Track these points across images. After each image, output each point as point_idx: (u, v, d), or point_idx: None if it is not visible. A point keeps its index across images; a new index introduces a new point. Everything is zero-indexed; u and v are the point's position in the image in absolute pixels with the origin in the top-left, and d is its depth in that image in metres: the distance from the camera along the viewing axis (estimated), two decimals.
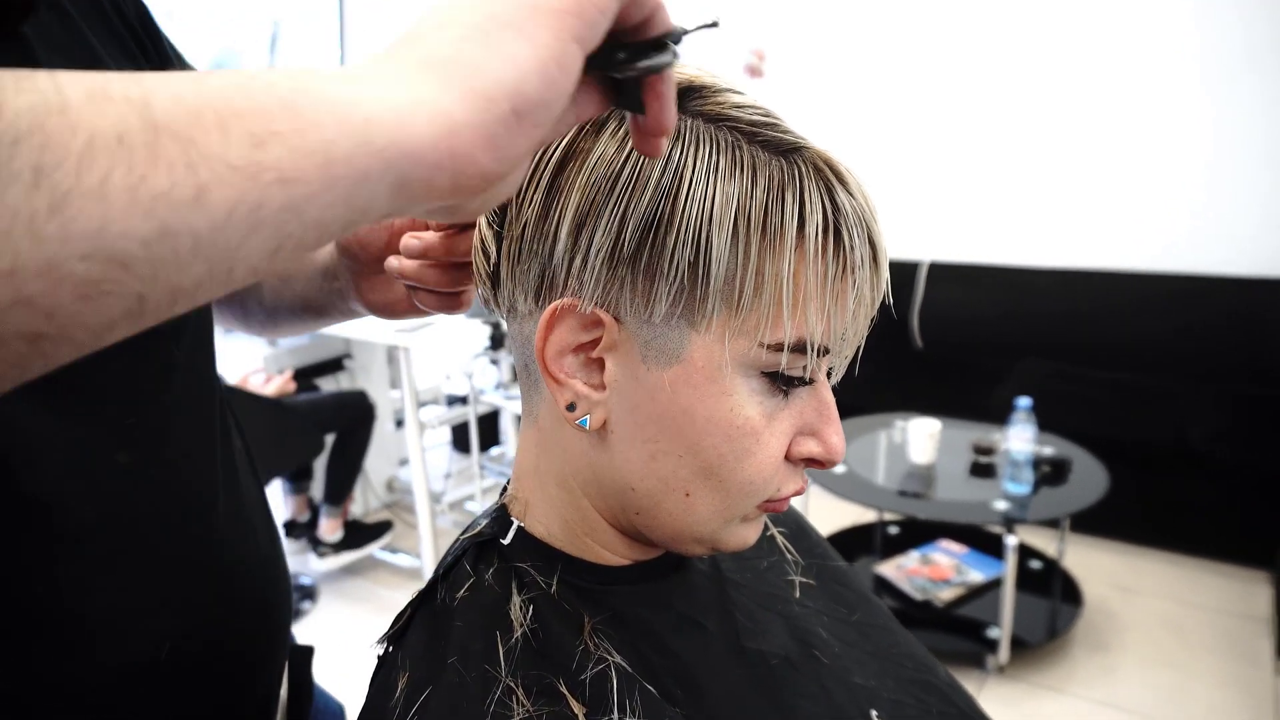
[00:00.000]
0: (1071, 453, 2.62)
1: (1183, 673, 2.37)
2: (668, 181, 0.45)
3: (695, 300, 0.46)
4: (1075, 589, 2.62)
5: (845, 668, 0.64)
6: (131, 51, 0.60)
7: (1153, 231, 3.13)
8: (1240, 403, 2.85)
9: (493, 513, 0.59)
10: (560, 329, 0.49)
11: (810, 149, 0.48)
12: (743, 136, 0.47)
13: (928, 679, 0.70)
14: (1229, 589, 2.76)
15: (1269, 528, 2.69)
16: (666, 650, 0.55)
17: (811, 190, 0.46)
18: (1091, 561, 2.86)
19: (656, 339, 0.48)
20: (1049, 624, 2.51)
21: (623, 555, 0.57)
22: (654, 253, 0.46)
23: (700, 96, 0.47)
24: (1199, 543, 2.92)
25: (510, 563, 0.55)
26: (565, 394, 0.50)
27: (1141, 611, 2.66)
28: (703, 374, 0.48)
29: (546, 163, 0.48)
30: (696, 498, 0.51)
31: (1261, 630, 2.54)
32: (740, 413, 0.49)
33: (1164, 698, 2.27)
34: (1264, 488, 2.72)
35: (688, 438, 0.49)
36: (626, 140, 0.46)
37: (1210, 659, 2.43)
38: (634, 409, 0.50)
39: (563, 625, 0.52)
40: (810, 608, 0.67)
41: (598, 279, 0.47)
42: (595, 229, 0.46)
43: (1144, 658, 2.44)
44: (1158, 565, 2.91)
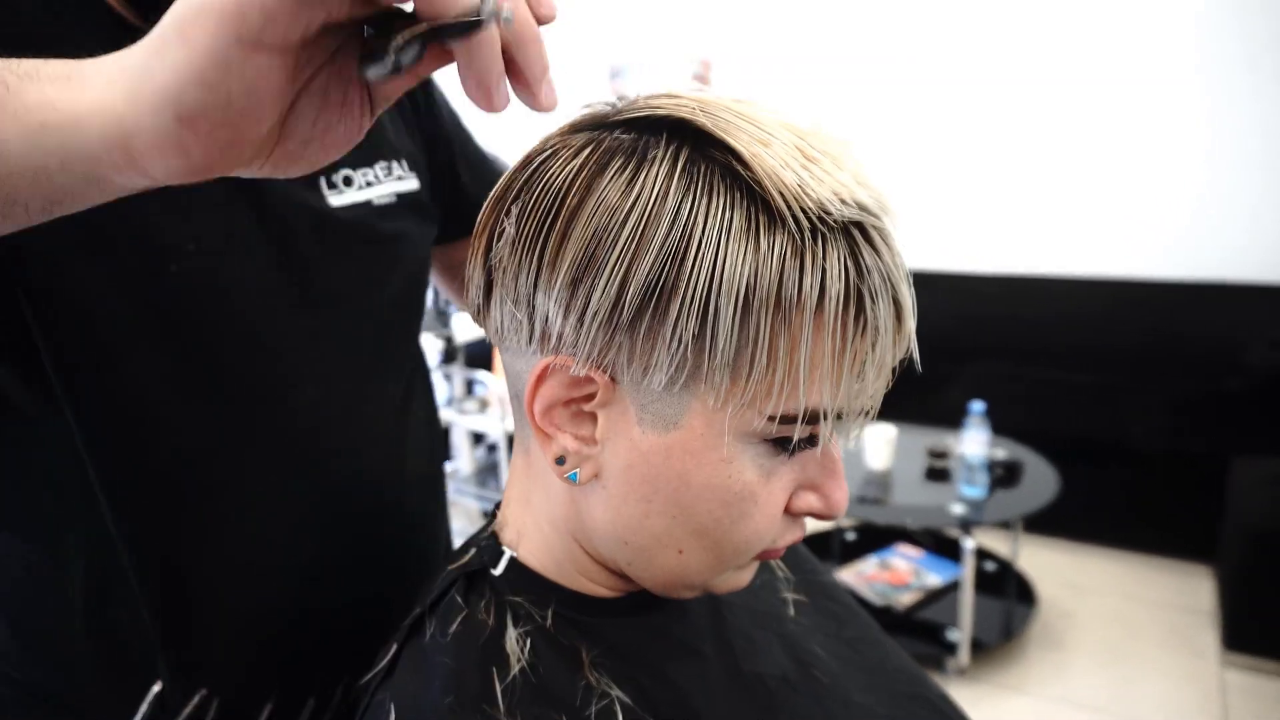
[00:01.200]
0: (1023, 455, 2.68)
1: (1133, 667, 2.43)
2: (675, 241, 0.41)
3: (699, 372, 0.43)
4: (1029, 589, 2.66)
5: (843, 686, 0.63)
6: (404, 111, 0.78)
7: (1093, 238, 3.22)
8: (1178, 401, 2.95)
9: (481, 540, 0.56)
10: (550, 383, 0.46)
11: (831, 204, 0.41)
12: (758, 188, 0.41)
13: (921, 693, 0.69)
14: (1173, 583, 2.84)
15: (1209, 522, 2.77)
16: (666, 681, 0.53)
17: (833, 255, 0.41)
18: (1044, 561, 2.91)
19: (653, 404, 0.45)
20: (1004, 624, 2.55)
21: (615, 589, 0.55)
22: (655, 321, 0.42)
23: (708, 138, 0.43)
24: (1144, 539, 3.01)
25: (503, 595, 0.52)
26: (554, 448, 0.47)
27: (1092, 608, 2.72)
28: (702, 442, 0.45)
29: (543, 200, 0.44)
30: (690, 554, 0.48)
31: (1205, 623, 2.61)
32: (739, 479, 0.46)
33: (1117, 692, 2.32)
34: (1203, 483, 2.80)
35: (683, 501, 0.46)
36: (631, 183, 0.42)
37: (1158, 652, 2.49)
38: (627, 468, 0.47)
39: (561, 660, 0.50)
40: (804, 625, 0.66)
41: (593, 341, 0.43)
42: (593, 288, 0.42)
43: (1096, 654, 2.49)
44: (1106, 562, 2.98)
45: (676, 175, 0.42)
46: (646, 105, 0.46)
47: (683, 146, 0.43)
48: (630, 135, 0.45)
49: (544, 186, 0.45)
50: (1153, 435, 2.96)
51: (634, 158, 0.43)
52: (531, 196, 0.45)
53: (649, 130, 0.45)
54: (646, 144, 0.44)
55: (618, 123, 0.46)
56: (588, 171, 0.44)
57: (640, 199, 0.42)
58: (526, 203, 0.45)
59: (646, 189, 0.42)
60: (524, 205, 0.45)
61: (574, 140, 0.46)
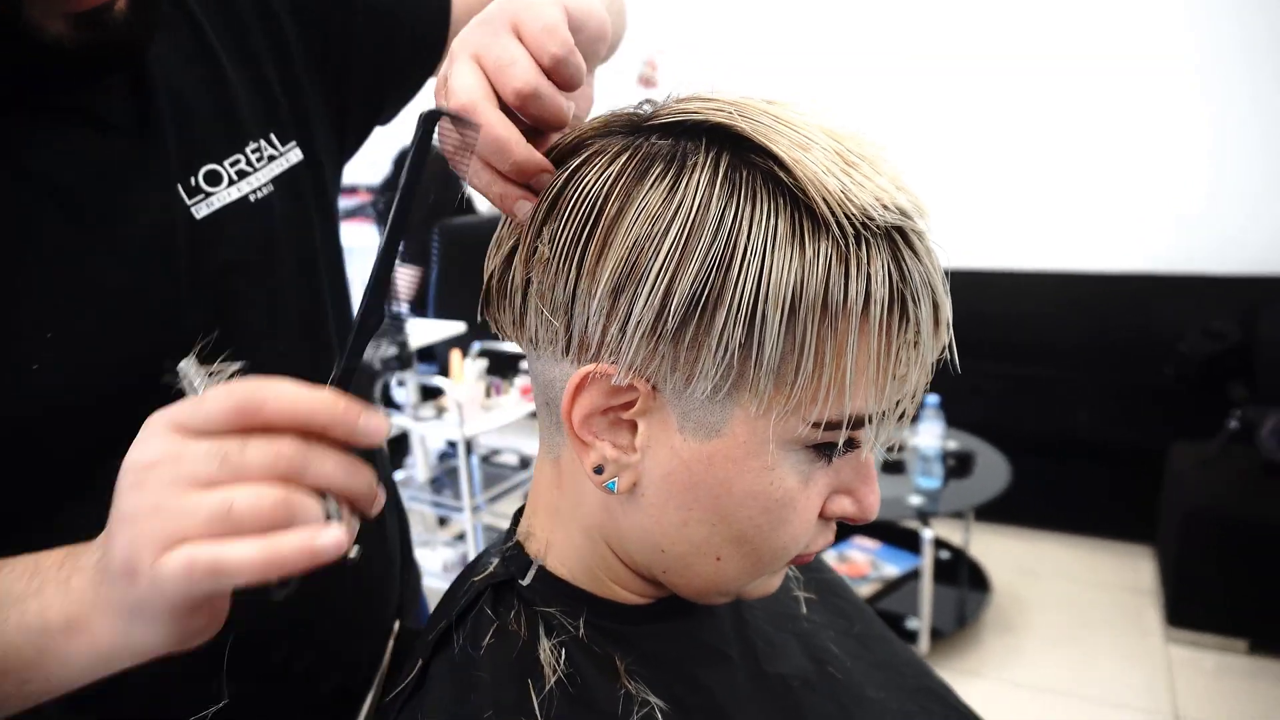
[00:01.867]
0: (974, 446, 2.75)
1: (1083, 647, 2.51)
2: (719, 249, 0.40)
3: (743, 380, 0.42)
4: (983, 576, 2.74)
5: (858, 683, 0.63)
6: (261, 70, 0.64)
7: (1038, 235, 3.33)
8: (1121, 390, 3.06)
9: (505, 551, 0.55)
10: (590, 392, 0.45)
11: (873, 209, 0.41)
12: (801, 194, 0.41)
13: (928, 685, 0.70)
14: (1118, 565, 2.94)
15: (1150, 505, 2.88)
16: (699, 686, 0.53)
17: (877, 260, 0.41)
18: (995, 549, 2.99)
19: (695, 411, 0.44)
20: (959, 612, 2.62)
21: (645, 595, 0.54)
22: (700, 330, 0.41)
23: (748, 144, 0.43)
24: (1089, 524, 3.11)
25: (534, 606, 0.52)
26: (593, 456, 0.47)
27: (1043, 593, 2.80)
28: (744, 449, 0.45)
29: (581, 207, 0.44)
30: (727, 561, 0.48)
31: (1149, 602, 2.72)
32: (780, 485, 0.46)
33: (1069, 673, 2.40)
34: (1144, 468, 2.91)
35: (723, 508, 0.46)
36: (673, 190, 0.42)
37: (1107, 632, 2.59)
38: (667, 476, 0.46)
39: (597, 670, 0.50)
40: (816, 622, 0.66)
41: (636, 350, 0.43)
42: (636, 297, 0.42)
43: (1048, 636, 2.57)
44: (1054, 548, 3.08)
45: (719, 182, 0.42)
46: (680, 109, 0.46)
47: (723, 152, 0.43)
48: (667, 141, 0.44)
49: (581, 194, 0.44)
50: (1095, 425, 3.06)
51: (674, 164, 0.43)
52: (568, 205, 0.45)
53: (686, 135, 0.44)
54: (685, 150, 0.44)
55: (653, 127, 0.46)
56: (627, 178, 0.43)
57: (683, 206, 0.41)
58: (563, 211, 0.45)
59: (689, 196, 0.42)
60: (560, 213, 0.45)
61: (609, 145, 0.46)
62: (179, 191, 0.58)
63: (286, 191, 0.64)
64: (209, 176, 0.60)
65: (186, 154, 0.58)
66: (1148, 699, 2.28)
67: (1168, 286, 3.28)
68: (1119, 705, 2.26)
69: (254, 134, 0.63)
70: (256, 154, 0.63)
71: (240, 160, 0.61)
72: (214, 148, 0.60)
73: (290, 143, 0.66)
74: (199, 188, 0.59)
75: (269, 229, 0.63)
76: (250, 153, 0.62)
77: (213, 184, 0.60)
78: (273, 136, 0.64)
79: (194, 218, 0.58)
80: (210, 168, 0.60)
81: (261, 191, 0.62)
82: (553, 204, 0.46)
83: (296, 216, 0.65)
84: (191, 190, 0.58)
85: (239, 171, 0.61)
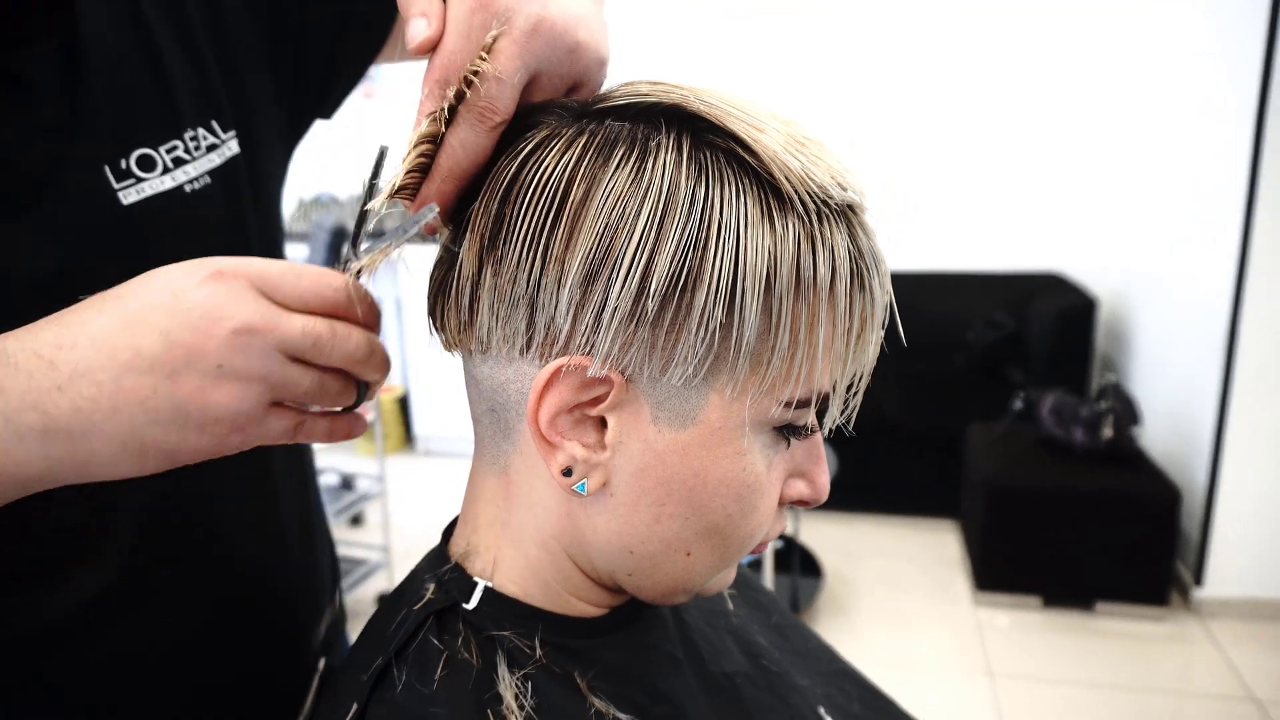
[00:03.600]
0: None
1: (906, 620, 2.71)
2: (694, 228, 0.40)
3: (721, 363, 0.42)
4: (814, 562, 2.88)
5: (787, 671, 0.64)
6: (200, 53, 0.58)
7: None
8: (921, 379, 3.33)
9: (441, 573, 0.51)
10: (559, 389, 0.43)
11: (831, 189, 0.42)
12: (765, 173, 0.41)
13: (840, 668, 0.72)
14: (928, 540, 3.20)
15: (951, 483, 3.16)
16: (658, 694, 0.51)
17: (838, 236, 0.42)
18: (822, 534, 3.16)
19: (670, 400, 0.43)
20: (793, 598, 2.74)
21: (601, 605, 0.52)
22: (680, 312, 0.40)
23: (707, 124, 0.42)
24: (900, 504, 3.36)
25: (484, 631, 0.48)
26: (560, 458, 0.44)
27: (867, 572, 2.99)
28: (719, 436, 0.44)
29: (542, 193, 0.41)
30: (697, 556, 0.47)
31: (957, 572, 2.97)
32: (751, 470, 0.45)
33: (896, 646, 2.58)
34: (943, 449, 3.19)
35: (697, 500, 0.45)
36: (639, 172, 0.41)
37: (924, 602, 2.80)
38: (640, 472, 0.45)
39: (562, 691, 0.47)
40: (743, 616, 0.66)
41: (614, 339, 0.41)
42: (612, 283, 0.40)
43: (875, 613, 2.75)
44: (871, 529, 3.30)
45: (685, 162, 0.41)
46: (631, 92, 0.44)
47: (683, 133, 0.42)
48: (623, 123, 0.43)
49: (540, 179, 0.42)
50: (900, 411, 3.31)
51: (636, 146, 0.42)
52: (524, 192, 0.42)
53: (642, 118, 0.43)
54: (647, 133, 0.42)
55: (605, 110, 0.44)
56: (589, 162, 0.41)
57: (653, 188, 0.40)
58: (520, 198, 0.42)
59: (658, 177, 0.41)
60: (517, 200, 0.42)
61: (560, 129, 0.44)
62: (105, 173, 0.51)
63: (223, 184, 0.58)
64: (141, 161, 0.53)
65: (120, 133, 0.52)
66: (963, 659, 2.49)
67: (955, 283, 3.63)
68: (940, 669, 2.46)
69: (193, 120, 0.57)
70: (194, 142, 0.56)
71: (178, 147, 0.55)
72: (149, 131, 0.54)
73: (230, 132, 0.59)
74: (129, 171, 0.53)
75: (203, 222, 0.57)
76: (188, 139, 0.56)
77: (145, 169, 0.53)
78: (214, 124, 0.58)
79: (120, 202, 0.52)
80: (144, 152, 0.53)
81: (198, 183, 0.56)
82: (506, 190, 0.43)
83: (231, 211, 0.60)
84: (121, 173, 0.52)
85: (175, 159, 0.55)
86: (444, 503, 3.91)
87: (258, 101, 0.63)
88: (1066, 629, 2.62)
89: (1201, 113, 2.75)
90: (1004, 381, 3.27)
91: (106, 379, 0.38)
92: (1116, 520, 2.62)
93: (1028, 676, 2.41)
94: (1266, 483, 2.55)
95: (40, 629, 0.53)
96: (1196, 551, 2.65)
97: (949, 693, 2.36)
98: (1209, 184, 2.67)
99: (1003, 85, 3.58)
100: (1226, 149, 2.51)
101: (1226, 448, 2.55)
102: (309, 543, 0.73)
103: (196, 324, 0.39)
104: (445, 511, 0.57)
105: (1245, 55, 2.41)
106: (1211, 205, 2.62)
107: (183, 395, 0.39)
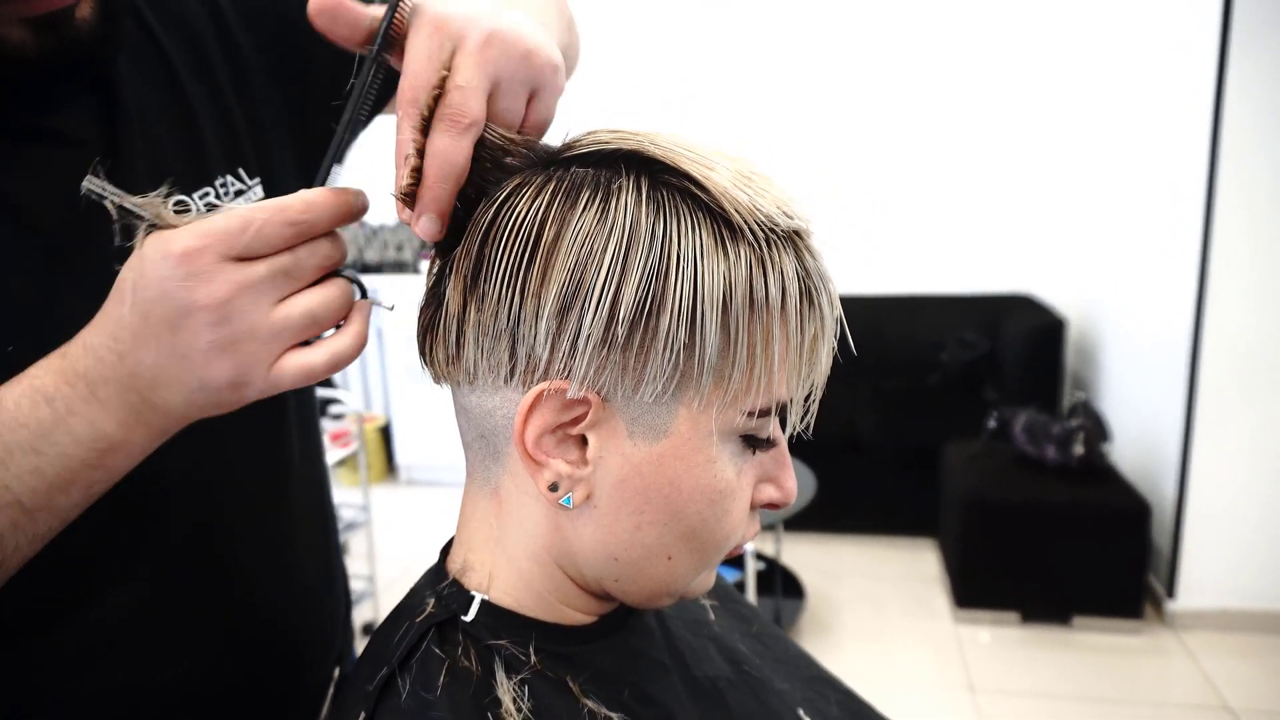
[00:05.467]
0: None
1: (886, 636, 2.75)
2: (656, 260, 0.44)
3: (686, 379, 0.46)
4: (796, 583, 2.92)
5: (768, 677, 0.67)
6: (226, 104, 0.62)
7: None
8: (896, 398, 3.39)
9: (440, 589, 0.54)
10: (542, 411, 0.47)
11: (778, 218, 0.46)
12: (717, 207, 0.46)
13: (818, 674, 0.76)
14: (908, 558, 3.24)
15: (929, 501, 3.21)
16: (647, 698, 0.54)
17: (786, 260, 0.47)
18: (803, 555, 3.20)
19: (644, 415, 0.47)
20: (776, 618, 2.77)
21: (591, 612, 0.56)
22: (647, 335, 0.45)
23: (662, 166, 0.47)
24: (880, 523, 3.41)
25: (482, 640, 0.51)
26: (547, 475, 0.48)
27: (847, 591, 3.03)
28: (689, 446, 0.48)
29: (517, 235, 0.46)
30: (677, 560, 0.51)
31: (936, 589, 3.01)
32: (722, 476, 0.49)
33: (878, 662, 2.61)
34: (918, 466, 3.25)
35: (673, 506, 0.49)
36: (603, 212, 0.45)
37: (905, 620, 2.84)
38: (620, 483, 0.49)
39: (557, 695, 0.50)
40: (724, 625, 0.70)
41: (588, 363, 0.45)
42: (585, 312, 0.44)
43: (856, 631, 2.79)
44: (851, 548, 3.34)
45: (644, 202, 0.45)
46: (592, 141, 0.49)
47: (641, 175, 0.47)
48: (587, 169, 0.47)
49: (515, 222, 0.46)
50: (876, 431, 3.36)
51: (600, 189, 0.46)
52: (501, 235, 0.46)
53: (603, 164, 0.48)
54: (608, 176, 0.47)
55: (570, 159, 0.49)
56: (559, 205, 0.46)
57: (616, 225, 0.45)
58: (497, 241, 0.46)
59: (620, 216, 0.45)
60: (494, 243, 0.46)
61: (530, 178, 0.48)
62: None
63: None
64: (177, 208, 0.56)
65: (155, 182, 0.55)
66: (944, 674, 2.52)
67: (928, 305, 3.71)
68: (922, 684, 2.49)
69: (221, 168, 0.60)
70: (224, 188, 0.60)
71: (209, 194, 0.59)
72: (183, 178, 0.57)
73: (256, 178, 0.63)
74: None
75: None
76: (219, 186, 0.60)
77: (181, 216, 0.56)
78: (240, 171, 0.62)
79: None
80: (179, 199, 0.57)
81: None
82: (485, 235, 0.47)
83: None
84: None
85: (208, 205, 0.58)
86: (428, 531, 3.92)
87: (278, 149, 0.67)
88: (1045, 644, 2.67)
89: (1161, 142, 2.86)
90: (978, 400, 3.34)
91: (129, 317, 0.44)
92: (1090, 535, 2.68)
93: (1008, 691, 2.45)
94: (1233, 494, 2.62)
95: (54, 659, 0.56)
96: (1168, 564, 2.71)
97: (931, 709, 2.39)
98: (1169, 208, 2.76)
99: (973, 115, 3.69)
100: (1184, 176, 2.61)
101: (1193, 461, 2.62)
102: (329, 581, 0.76)
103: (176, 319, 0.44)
104: (429, 539, 0.60)
105: (1199, 90, 2.51)
106: (1172, 228, 2.72)
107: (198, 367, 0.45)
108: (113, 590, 0.57)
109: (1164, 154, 2.82)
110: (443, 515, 0.53)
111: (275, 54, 0.67)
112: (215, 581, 0.63)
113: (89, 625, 0.56)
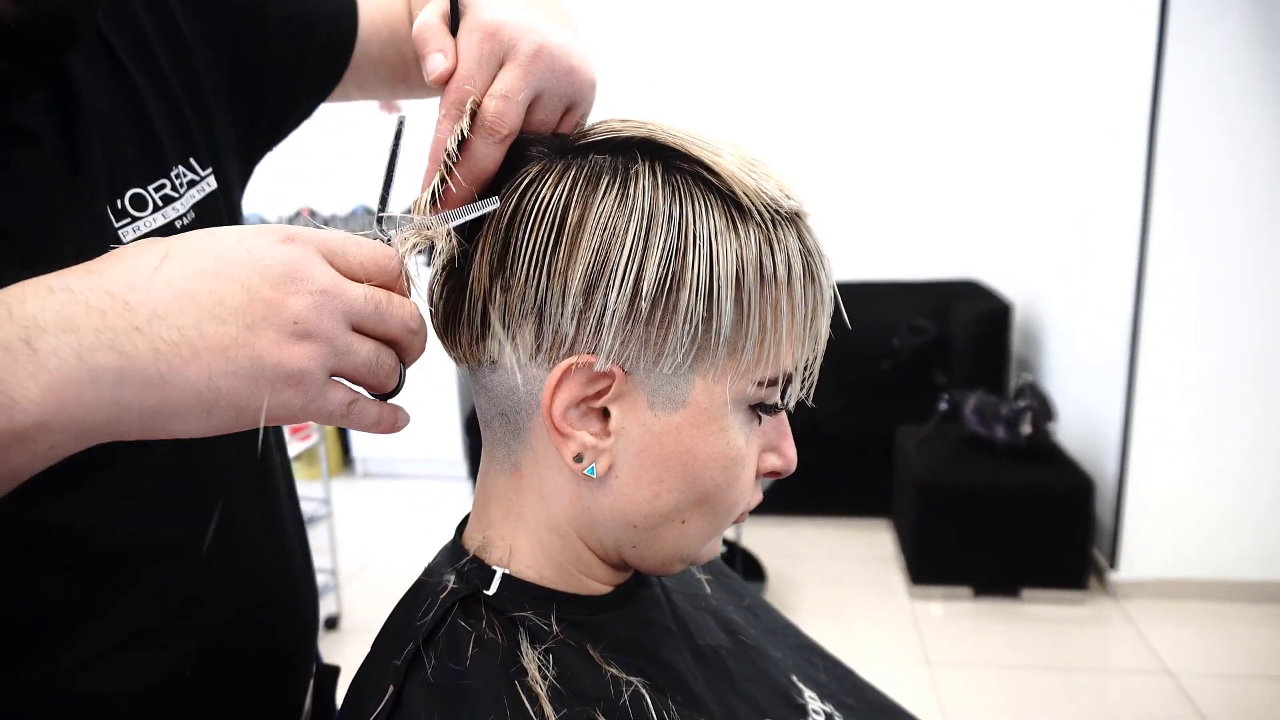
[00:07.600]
0: None
1: (845, 615, 2.82)
2: (674, 239, 0.47)
3: (704, 352, 0.49)
4: (757, 565, 2.97)
5: (763, 646, 0.71)
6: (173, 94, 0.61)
7: None
8: (851, 385, 3.47)
9: (460, 565, 0.56)
10: (569, 385, 0.49)
11: (780, 200, 0.50)
12: (727, 190, 0.49)
13: (806, 642, 0.80)
14: (864, 539, 3.33)
15: (883, 484, 3.30)
16: (662, 663, 0.57)
17: (790, 238, 0.51)
18: (763, 538, 3.26)
19: (663, 387, 0.50)
20: None
21: (609, 582, 0.58)
22: (668, 310, 0.48)
23: (674, 153, 0.50)
24: (837, 505, 3.49)
25: (506, 613, 0.54)
26: (572, 446, 0.51)
27: (807, 572, 3.10)
28: (705, 415, 0.51)
29: (543, 219, 0.48)
30: (691, 524, 0.54)
31: (892, 567, 3.10)
32: (734, 443, 0.53)
33: (840, 642, 2.64)
34: (874, 451, 3.33)
35: (690, 473, 0.52)
36: (624, 196, 0.48)
37: (863, 597, 2.92)
38: (640, 452, 0.52)
39: (579, 661, 0.53)
40: (719, 598, 0.73)
41: (614, 337, 0.48)
42: (610, 290, 0.47)
43: (818, 612, 2.85)
44: (811, 530, 3.41)
45: (660, 185, 0.49)
46: (607, 130, 0.52)
47: (656, 161, 0.50)
48: (605, 156, 0.50)
49: (540, 207, 0.49)
50: (833, 418, 3.44)
51: (619, 174, 0.49)
52: (527, 220, 0.49)
53: (619, 150, 0.51)
54: (626, 163, 0.50)
55: (587, 146, 0.51)
56: (581, 190, 0.49)
57: (636, 208, 0.48)
58: (522, 225, 0.49)
59: (640, 199, 0.48)
60: (520, 227, 0.49)
61: (551, 164, 0.51)
62: (107, 213, 0.54)
63: (206, 219, 0.61)
64: (134, 200, 0.56)
65: (113, 175, 0.55)
66: (901, 649, 2.61)
67: (878, 291, 3.79)
68: (880, 659, 2.57)
69: (174, 159, 0.60)
70: (179, 179, 0.59)
71: (165, 185, 0.58)
72: (137, 171, 0.57)
73: (208, 169, 0.63)
74: (125, 211, 0.55)
75: None
76: (174, 178, 0.59)
77: (138, 209, 0.56)
78: (192, 161, 0.61)
79: (121, 241, 0.54)
80: (135, 191, 0.56)
81: (186, 219, 0.59)
82: (511, 220, 0.50)
83: None
84: (118, 214, 0.55)
85: (164, 197, 0.58)
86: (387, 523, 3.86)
87: (224, 139, 0.66)
88: (996, 616, 2.77)
89: (1101, 132, 2.97)
90: (929, 385, 3.44)
91: (188, 324, 0.38)
92: (1037, 511, 2.79)
93: (962, 663, 2.54)
94: (1172, 471, 2.75)
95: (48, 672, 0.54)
96: (1110, 537, 2.84)
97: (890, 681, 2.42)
98: (1110, 196, 2.87)
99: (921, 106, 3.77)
100: (1123, 165, 2.72)
101: (1134, 440, 2.74)
102: (308, 574, 0.76)
103: (277, 281, 0.40)
104: (389, 531, 0.61)
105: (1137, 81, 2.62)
106: (1112, 215, 2.83)
107: (260, 347, 0.40)
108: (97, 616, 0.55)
109: (1104, 144, 2.93)
110: (401, 508, 0.53)
111: (220, 43, 0.66)
112: (215, 582, 0.62)
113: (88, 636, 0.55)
